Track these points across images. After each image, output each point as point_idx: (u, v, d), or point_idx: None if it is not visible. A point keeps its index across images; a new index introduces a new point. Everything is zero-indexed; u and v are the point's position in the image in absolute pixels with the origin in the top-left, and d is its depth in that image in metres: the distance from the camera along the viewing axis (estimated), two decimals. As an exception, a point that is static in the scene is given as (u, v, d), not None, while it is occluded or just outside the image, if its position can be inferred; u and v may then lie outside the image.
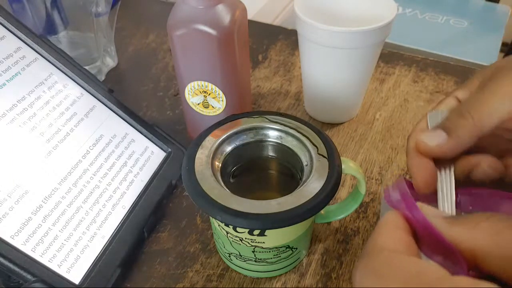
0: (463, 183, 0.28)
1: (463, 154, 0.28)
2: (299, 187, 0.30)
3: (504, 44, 0.79)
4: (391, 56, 0.57)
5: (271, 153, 0.35)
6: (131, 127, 0.41)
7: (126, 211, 0.37)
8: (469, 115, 0.27)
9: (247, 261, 0.33)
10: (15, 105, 0.35)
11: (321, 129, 0.34)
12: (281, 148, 0.35)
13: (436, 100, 0.50)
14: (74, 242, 0.33)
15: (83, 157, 0.37)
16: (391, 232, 0.22)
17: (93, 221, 0.35)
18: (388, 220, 0.23)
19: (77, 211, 0.34)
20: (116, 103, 0.41)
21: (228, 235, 0.31)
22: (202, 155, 0.32)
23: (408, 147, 0.30)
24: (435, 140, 0.27)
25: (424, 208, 0.23)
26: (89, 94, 0.40)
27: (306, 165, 0.32)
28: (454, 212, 0.26)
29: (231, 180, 0.35)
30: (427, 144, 0.28)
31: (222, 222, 0.29)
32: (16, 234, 0.31)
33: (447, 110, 0.29)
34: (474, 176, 0.28)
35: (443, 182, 0.28)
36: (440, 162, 0.28)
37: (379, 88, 0.52)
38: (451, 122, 0.28)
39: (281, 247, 0.32)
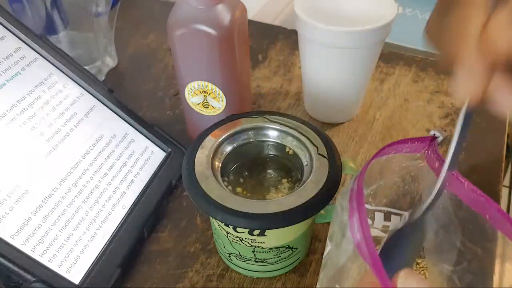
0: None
1: None
2: (299, 187, 0.30)
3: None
4: (391, 56, 0.57)
5: (271, 153, 0.35)
6: (131, 127, 0.41)
7: (126, 211, 0.37)
8: None
9: (247, 261, 0.33)
10: (15, 105, 0.35)
11: (321, 129, 0.34)
12: (281, 148, 0.35)
13: (436, 100, 0.50)
14: (74, 242, 0.33)
15: (83, 157, 0.37)
16: None
17: (93, 221, 0.35)
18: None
19: (77, 211, 0.34)
20: (116, 103, 0.41)
21: (228, 235, 0.31)
22: (202, 155, 0.32)
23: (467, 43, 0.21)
24: None
25: None
26: (89, 94, 0.40)
27: (306, 165, 0.32)
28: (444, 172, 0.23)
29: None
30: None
31: (222, 222, 0.29)
32: (16, 234, 0.31)
33: None
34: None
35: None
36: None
37: (379, 88, 0.52)
38: None
39: (281, 247, 0.32)
